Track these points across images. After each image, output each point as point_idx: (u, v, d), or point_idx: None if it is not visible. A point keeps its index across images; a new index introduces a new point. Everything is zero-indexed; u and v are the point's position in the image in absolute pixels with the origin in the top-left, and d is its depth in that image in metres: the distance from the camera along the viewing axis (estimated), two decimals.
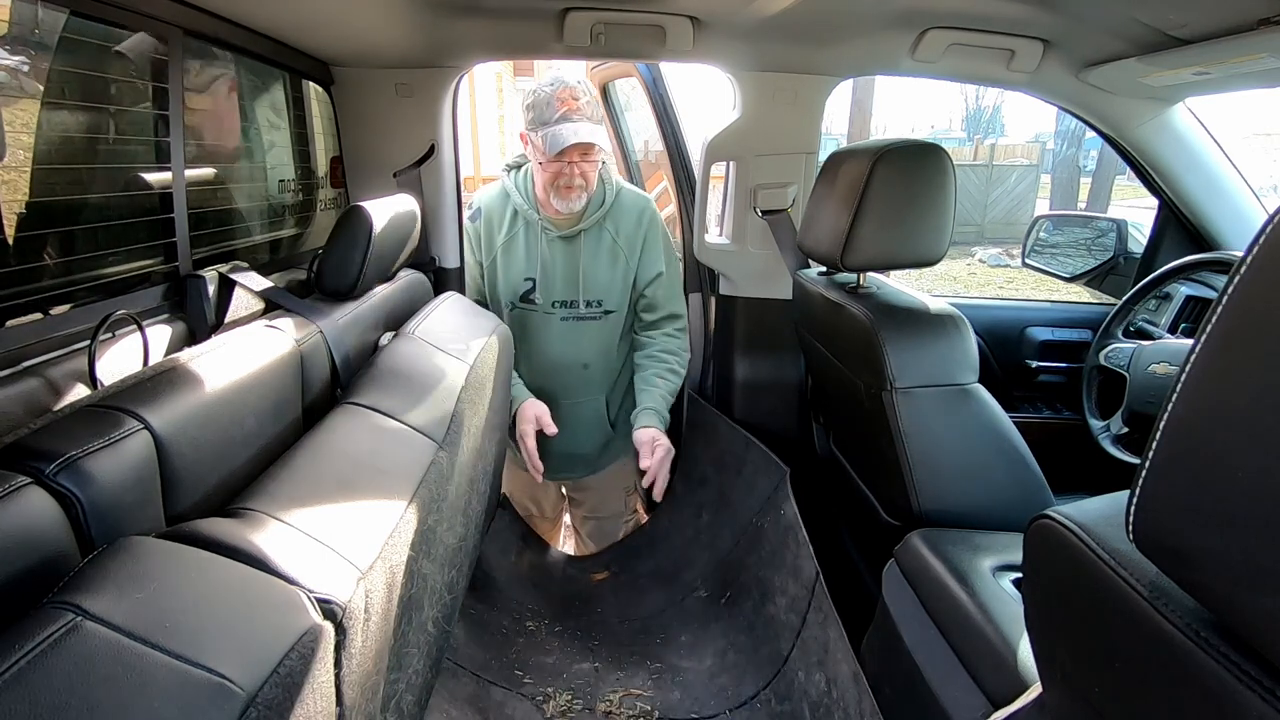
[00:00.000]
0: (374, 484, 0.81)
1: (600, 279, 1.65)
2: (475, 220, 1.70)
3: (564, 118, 1.46)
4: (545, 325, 1.68)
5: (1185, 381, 0.39)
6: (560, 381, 1.72)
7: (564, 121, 1.46)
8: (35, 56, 0.85)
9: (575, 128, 1.45)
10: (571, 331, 1.68)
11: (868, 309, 1.15)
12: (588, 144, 1.47)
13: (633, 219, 1.66)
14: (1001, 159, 12.94)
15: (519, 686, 1.36)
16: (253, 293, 1.16)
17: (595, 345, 1.70)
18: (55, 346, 0.85)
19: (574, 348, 1.69)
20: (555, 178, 1.52)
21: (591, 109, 1.50)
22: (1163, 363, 1.45)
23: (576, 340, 1.68)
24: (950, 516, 1.13)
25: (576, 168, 1.52)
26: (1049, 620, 0.57)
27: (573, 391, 1.73)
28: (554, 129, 1.46)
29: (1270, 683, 0.36)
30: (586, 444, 1.78)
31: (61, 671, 0.41)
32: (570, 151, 1.48)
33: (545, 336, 1.69)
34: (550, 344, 1.69)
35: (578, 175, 1.52)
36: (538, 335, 1.69)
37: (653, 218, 1.68)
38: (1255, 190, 1.64)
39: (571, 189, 1.54)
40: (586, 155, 1.52)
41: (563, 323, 1.67)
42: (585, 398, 1.74)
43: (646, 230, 1.67)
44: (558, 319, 1.67)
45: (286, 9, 1.21)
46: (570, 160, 1.50)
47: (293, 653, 0.53)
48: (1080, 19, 1.30)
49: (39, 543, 0.54)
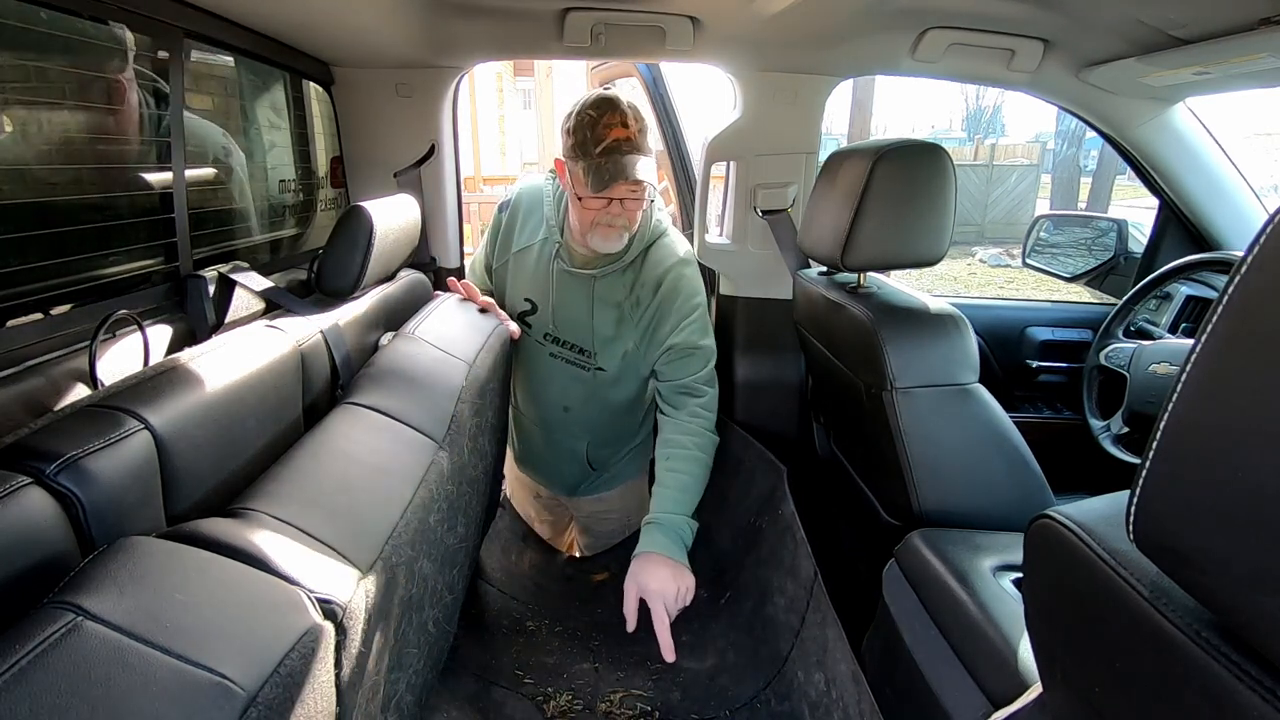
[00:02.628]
0: (374, 484, 0.81)
1: (600, 332, 1.46)
2: (504, 212, 1.54)
3: (612, 149, 1.24)
4: (534, 354, 1.54)
5: (1186, 381, 0.39)
6: (541, 415, 1.62)
7: (612, 154, 1.24)
8: (37, 56, 0.85)
9: (625, 163, 1.24)
10: (557, 371, 1.53)
11: (868, 309, 1.15)
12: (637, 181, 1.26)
13: (652, 282, 1.43)
14: (1002, 159, 12.93)
15: (519, 686, 1.36)
16: (253, 293, 1.16)
17: (579, 393, 1.54)
18: (56, 346, 0.85)
19: (557, 387, 1.55)
20: (595, 216, 1.31)
21: (644, 138, 1.28)
22: (1163, 363, 1.45)
23: (561, 381, 1.54)
24: (951, 516, 1.13)
25: (620, 205, 1.30)
26: (1049, 620, 0.57)
27: (552, 427, 1.62)
28: (599, 162, 1.24)
29: (1271, 683, 0.36)
30: (568, 476, 1.71)
31: (62, 671, 0.41)
32: (616, 187, 1.26)
33: (532, 365, 1.56)
34: (534, 375, 1.57)
35: (621, 216, 1.32)
36: (526, 360, 1.57)
37: (673, 286, 1.43)
38: (1256, 190, 1.64)
39: (613, 228, 1.33)
40: (635, 192, 1.29)
41: (551, 359, 1.52)
42: (563, 436, 1.63)
43: (661, 300, 1.42)
44: (546, 354, 1.53)
45: (287, 9, 1.21)
46: (616, 198, 1.29)
47: (293, 653, 0.53)
48: (1080, 19, 1.30)
49: (39, 543, 0.54)
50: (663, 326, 1.44)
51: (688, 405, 1.44)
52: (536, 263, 1.48)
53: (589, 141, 1.25)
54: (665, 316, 1.43)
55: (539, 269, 1.48)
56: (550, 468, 1.73)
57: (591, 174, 1.24)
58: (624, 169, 1.24)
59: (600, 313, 1.45)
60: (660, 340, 1.44)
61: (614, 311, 1.45)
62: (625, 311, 1.45)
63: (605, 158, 1.24)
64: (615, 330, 1.46)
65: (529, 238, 1.50)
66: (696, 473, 1.41)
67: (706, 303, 1.49)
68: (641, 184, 1.27)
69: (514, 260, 1.52)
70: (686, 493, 1.39)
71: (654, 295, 1.43)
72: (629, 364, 1.50)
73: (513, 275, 1.53)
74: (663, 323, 1.44)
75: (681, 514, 1.37)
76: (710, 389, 1.46)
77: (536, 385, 1.58)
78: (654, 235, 1.45)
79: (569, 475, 1.70)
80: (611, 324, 1.46)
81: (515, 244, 1.52)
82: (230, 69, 1.32)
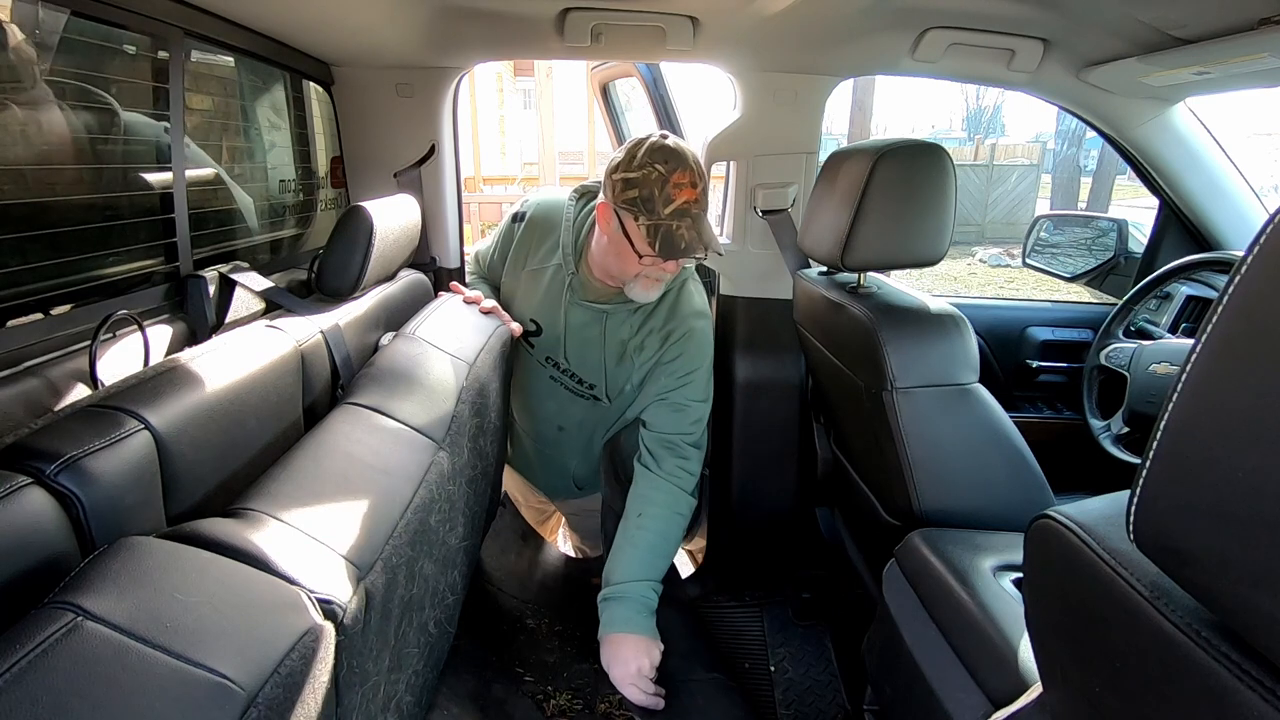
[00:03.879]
0: (375, 484, 0.81)
1: (605, 367, 1.45)
2: (518, 223, 1.50)
3: (682, 211, 1.20)
4: (534, 372, 1.53)
5: (1186, 381, 0.39)
6: (535, 429, 1.62)
7: (683, 217, 1.20)
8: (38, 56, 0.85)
9: (699, 235, 1.21)
10: (555, 393, 1.52)
11: (868, 309, 1.15)
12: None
13: (661, 332, 1.40)
14: (1002, 159, 12.92)
15: (519, 684, 1.36)
16: (253, 293, 1.16)
17: (575, 417, 1.54)
18: (56, 346, 0.85)
19: (553, 408, 1.54)
20: (643, 270, 1.28)
21: (706, 196, 1.24)
22: (1163, 362, 1.45)
23: (558, 403, 1.53)
24: (951, 516, 1.13)
25: (676, 264, 1.27)
26: (1049, 620, 0.57)
27: (544, 443, 1.61)
28: (670, 226, 1.20)
29: (1271, 683, 0.36)
30: (553, 486, 1.74)
31: (62, 671, 0.41)
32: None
33: (531, 382, 1.55)
34: (532, 392, 1.56)
35: (669, 273, 1.30)
36: (525, 374, 1.56)
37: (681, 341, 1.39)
38: (1256, 190, 1.64)
39: (658, 282, 1.30)
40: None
41: (550, 380, 1.51)
42: (554, 454, 1.63)
43: (665, 353, 1.40)
44: (547, 375, 1.51)
45: (287, 9, 1.21)
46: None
47: (293, 653, 0.53)
48: (1080, 19, 1.30)
49: (40, 543, 0.54)
50: (661, 378, 1.41)
51: (668, 462, 1.38)
52: (548, 288, 1.45)
53: (656, 200, 1.20)
54: (665, 370, 1.41)
55: (550, 295, 1.45)
56: (536, 475, 1.76)
57: (660, 238, 1.20)
58: (696, 245, 1.20)
59: (606, 348, 1.44)
60: (655, 391, 1.42)
61: (618, 348, 1.43)
62: (629, 351, 1.43)
63: (677, 221, 1.20)
64: (617, 367, 1.45)
65: (542, 260, 1.47)
66: (669, 534, 1.35)
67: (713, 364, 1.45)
68: None
69: (525, 278, 1.49)
70: (654, 554, 1.32)
71: (660, 346, 1.40)
72: (627, 401, 1.49)
73: (522, 293, 1.50)
74: (662, 374, 1.41)
75: (646, 580, 1.30)
76: (695, 452, 1.40)
77: (534, 401, 1.58)
78: (676, 282, 1.42)
79: (554, 486, 1.73)
80: (614, 360, 1.44)
81: (529, 264, 1.49)
82: (230, 69, 1.32)
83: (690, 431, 1.40)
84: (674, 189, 1.20)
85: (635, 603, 1.29)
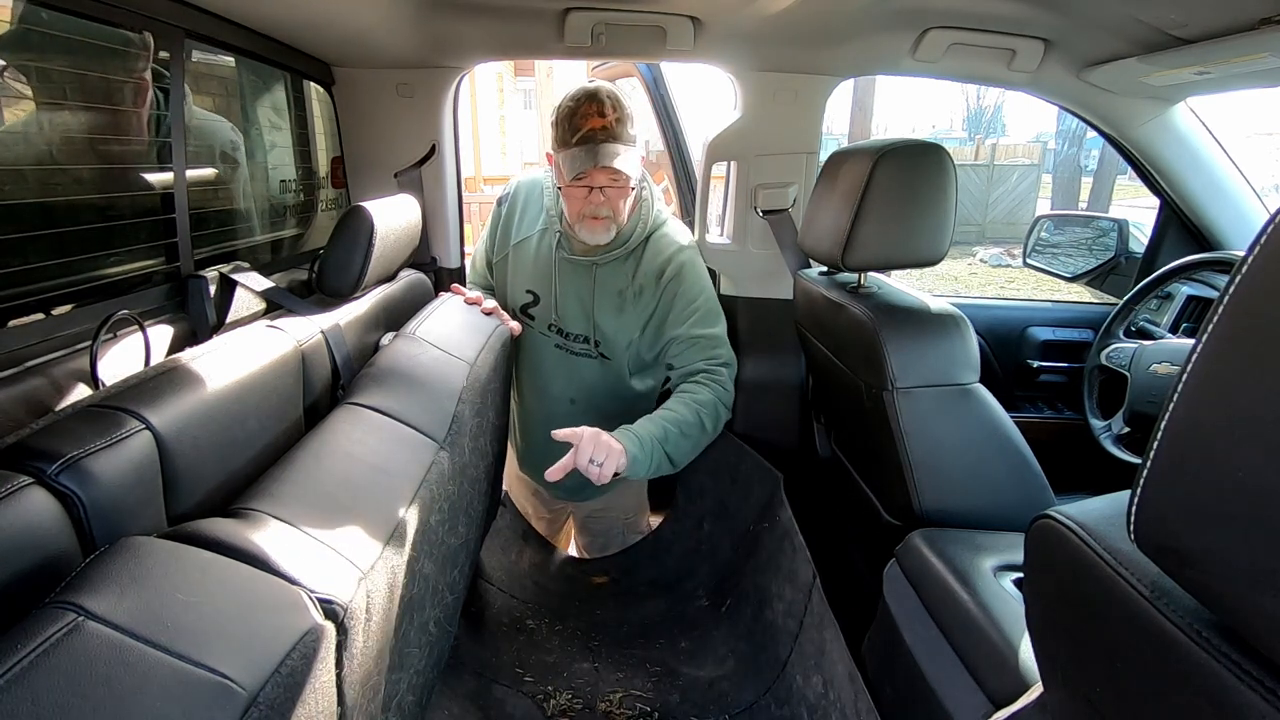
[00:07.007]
0: (375, 484, 0.81)
1: (603, 320, 1.46)
2: (502, 205, 1.55)
3: (588, 137, 1.27)
4: (538, 347, 1.54)
5: (1186, 381, 0.39)
6: (545, 410, 1.58)
7: (588, 142, 1.27)
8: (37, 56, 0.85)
9: (599, 151, 1.26)
10: (562, 362, 1.52)
11: (869, 309, 1.15)
12: (615, 170, 1.27)
13: (654, 271, 1.43)
14: (1002, 159, 12.91)
15: (520, 684, 1.36)
16: (254, 293, 1.16)
17: (584, 383, 1.53)
18: (57, 346, 0.85)
19: (561, 380, 1.54)
20: (580, 206, 1.33)
21: (623, 127, 1.29)
22: (1164, 362, 1.45)
23: (565, 372, 1.53)
24: (951, 516, 1.13)
25: (602, 195, 1.32)
26: (1050, 620, 0.57)
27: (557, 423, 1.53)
28: (575, 150, 1.27)
29: (1271, 683, 0.36)
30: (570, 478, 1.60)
31: (63, 671, 0.41)
32: (594, 175, 1.28)
33: (536, 359, 1.55)
34: (539, 369, 1.56)
35: (604, 205, 1.33)
36: (530, 354, 1.56)
37: (676, 276, 1.42)
38: (1257, 190, 1.64)
39: (598, 220, 1.34)
40: (615, 180, 1.30)
41: (556, 350, 1.52)
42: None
43: (664, 291, 1.42)
44: (551, 345, 1.52)
45: (287, 10, 1.21)
46: (595, 186, 1.30)
47: (294, 653, 0.53)
48: (1081, 19, 1.30)
49: (41, 543, 0.54)
50: (668, 318, 1.43)
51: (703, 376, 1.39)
52: (536, 253, 1.49)
53: (568, 131, 1.28)
54: (670, 308, 1.42)
55: (539, 259, 1.49)
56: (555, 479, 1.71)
57: (568, 162, 1.27)
58: (596, 156, 1.25)
59: (602, 300, 1.45)
60: (666, 333, 1.43)
61: (615, 299, 1.45)
62: (627, 300, 1.45)
63: (581, 146, 1.27)
64: (617, 318, 1.46)
65: (528, 229, 1.51)
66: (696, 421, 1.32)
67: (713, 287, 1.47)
68: (620, 172, 1.28)
69: (514, 252, 1.53)
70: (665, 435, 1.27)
71: (657, 285, 1.43)
72: (634, 354, 1.49)
73: (513, 267, 1.53)
74: (667, 314, 1.43)
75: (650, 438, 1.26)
76: (726, 370, 1.40)
77: (542, 380, 1.57)
78: (655, 225, 1.46)
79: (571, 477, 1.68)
80: (613, 311, 1.45)
81: (514, 236, 1.53)
82: (231, 69, 1.32)
83: (715, 355, 1.41)
84: (582, 119, 1.27)
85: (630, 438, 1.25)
